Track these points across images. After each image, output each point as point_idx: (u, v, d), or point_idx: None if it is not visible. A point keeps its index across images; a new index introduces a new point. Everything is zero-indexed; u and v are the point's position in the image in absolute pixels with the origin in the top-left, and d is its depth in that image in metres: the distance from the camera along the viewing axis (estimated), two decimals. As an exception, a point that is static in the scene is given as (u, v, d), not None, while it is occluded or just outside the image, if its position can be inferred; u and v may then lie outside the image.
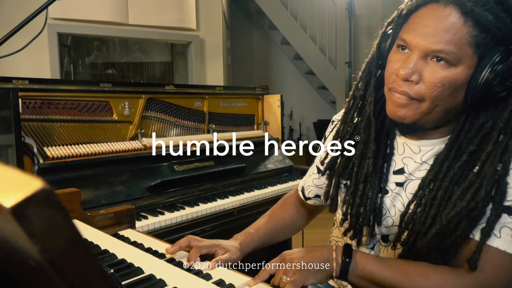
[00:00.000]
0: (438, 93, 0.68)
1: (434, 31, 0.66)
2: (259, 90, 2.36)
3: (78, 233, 0.31)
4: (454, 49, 0.65)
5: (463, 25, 0.65)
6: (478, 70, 0.67)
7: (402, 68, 0.70)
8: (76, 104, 1.60)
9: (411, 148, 0.81)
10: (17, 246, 0.30)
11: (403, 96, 0.71)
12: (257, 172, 2.05)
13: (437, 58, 0.67)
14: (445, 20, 0.66)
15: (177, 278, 0.75)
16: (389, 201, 0.82)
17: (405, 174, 0.81)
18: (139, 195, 1.56)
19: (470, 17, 0.65)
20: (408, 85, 0.70)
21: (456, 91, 0.68)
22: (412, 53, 0.70)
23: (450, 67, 0.67)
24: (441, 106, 0.70)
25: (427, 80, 0.68)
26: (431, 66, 0.68)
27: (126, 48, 5.42)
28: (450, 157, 0.72)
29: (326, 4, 5.63)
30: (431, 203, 0.73)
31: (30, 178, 0.28)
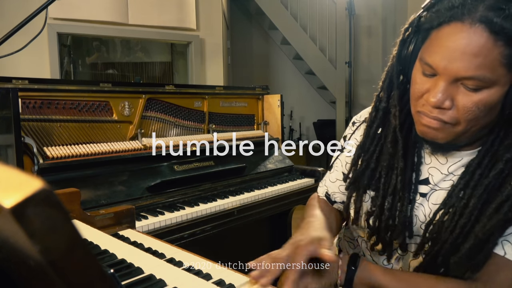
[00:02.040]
0: (473, 116, 0.64)
1: (462, 55, 0.60)
2: (259, 90, 2.36)
3: (78, 233, 0.31)
4: (486, 74, 0.60)
5: (494, 45, 0.59)
6: None
7: (432, 96, 0.65)
8: (76, 104, 1.60)
9: (438, 159, 0.78)
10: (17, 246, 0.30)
11: (435, 121, 0.68)
12: (257, 172, 2.05)
13: (467, 86, 0.63)
14: (474, 43, 0.59)
15: (177, 278, 0.75)
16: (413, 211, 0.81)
17: (429, 185, 0.79)
18: (139, 195, 1.56)
19: (500, 36, 0.58)
20: (440, 112, 0.66)
21: (491, 110, 0.65)
22: (440, 78, 0.65)
23: (483, 90, 0.62)
24: (476, 126, 0.67)
25: (461, 105, 0.64)
26: (463, 91, 0.64)
27: (126, 48, 5.42)
28: (483, 165, 0.69)
29: (326, 4, 5.63)
30: (461, 212, 0.69)
31: (30, 178, 0.28)
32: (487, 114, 0.65)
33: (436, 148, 0.76)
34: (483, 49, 0.59)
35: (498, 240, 0.68)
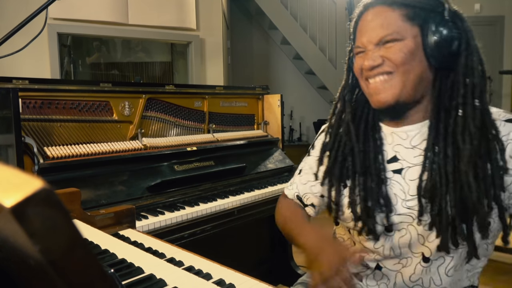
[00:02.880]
0: (402, 60, 0.79)
1: (375, 25, 0.81)
2: (259, 90, 2.36)
3: (78, 233, 0.31)
4: (395, 29, 0.79)
5: (392, 11, 0.80)
6: (424, 35, 0.79)
7: (366, 60, 0.82)
8: (76, 104, 1.60)
9: (399, 135, 0.87)
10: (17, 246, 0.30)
11: (378, 78, 0.82)
12: (257, 172, 2.05)
13: (386, 41, 0.80)
14: (378, 15, 0.81)
15: (177, 278, 0.75)
16: (389, 189, 0.85)
17: (399, 161, 0.85)
18: (139, 195, 1.56)
19: (394, 4, 0.80)
20: (378, 69, 0.81)
21: (416, 56, 0.79)
22: (368, 49, 0.83)
23: (398, 42, 0.79)
24: (412, 72, 0.80)
25: (388, 55, 0.80)
26: (385, 48, 0.81)
27: (126, 48, 5.42)
28: (442, 118, 0.80)
29: (326, 4, 5.63)
30: (445, 162, 0.77)
31: (30, 178, 0.28)
32: (412, 60, 0.79)
33: (391, 115, 0.87)
34: (386, 16, 0.80)
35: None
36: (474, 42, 0.81)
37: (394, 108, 0.83)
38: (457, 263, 0.82)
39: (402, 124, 0.87)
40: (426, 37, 0.79)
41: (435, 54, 0.79)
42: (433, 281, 0.84)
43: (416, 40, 0.79)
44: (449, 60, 0.79)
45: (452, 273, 0.83)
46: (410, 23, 0.79)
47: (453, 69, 0.80)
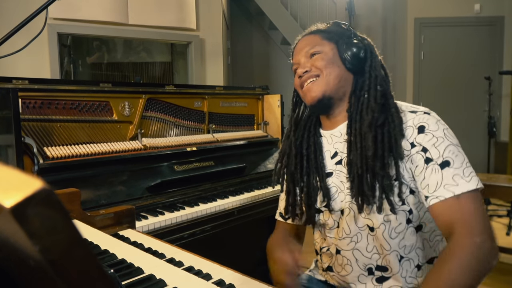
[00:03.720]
0: (324, 63, 1.04)
1: (303, 46, 1.09)
2: (259, 90, 2.36)
3: (78, 233, 0.31)
4: (315, 44, 1.07)
5: (315, 35, 1.09)
6: (339, 47, 1.05)
7: (299, 69, 1.07)
8: (76, 104, 1.60)
9: (335, 135, 1.07)
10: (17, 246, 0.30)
11: (310, 79, 1.05)
12: (257, 172, 2.05)
13: (311, 54, 1.07)
14: (305, 40, 1.10)
15: (177, 278, 0.75)
16: (336, 179, 1.03)
17: (339, 154, 1.05)
18: (139, 195, 1.56)
19: (316, 32, 1.10)
20: (308, 73, 1.05)
21: (334, 62, 1.04)
22: (300, 62, 1.08)
23: (320, 54, 1.06)
24: (333, 74, 1.03)
25: (314, 63, 1.05)
26: (312, 59, 1.07)
27: (126, 48, 5.42)
28: (355, 106, 1.01)
29: (326, 4, 5.62)
30: (355, 136, 0.98)
31: (30, 178, 0.28)
32: (333, 64, 1.04)
33: (323, 111, 1.08)
34: (311, 40, 1.09)
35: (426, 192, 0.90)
36: (375, 52, 1.07)
37: (323, 102, 1.03)
38: (395, 225, 0.95)
39: (336, 125, 1.07)
40: (340, 48, 1.05)
41: (348, 59, 1.04)
42: (383, 246, 0.96)
43: (333, 51, 1.06)
44: (358, 63, 1.04)
45: (396, 236, 0.95)
46: (327, 41, 1.07)
47: (364, 72, 1.04)
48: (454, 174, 0.86)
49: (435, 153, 0.89)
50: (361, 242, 0.99)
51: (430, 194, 0.87)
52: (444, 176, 0.86)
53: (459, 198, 0.84)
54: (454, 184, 0.85)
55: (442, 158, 0.88)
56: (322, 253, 1.12)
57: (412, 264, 0.97)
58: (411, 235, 0.96)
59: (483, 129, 4.84)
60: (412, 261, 0.97)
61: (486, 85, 4.45)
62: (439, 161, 0.88)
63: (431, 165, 0.88)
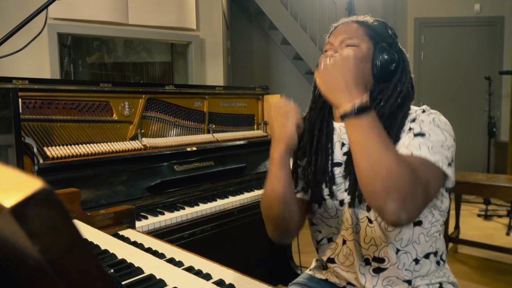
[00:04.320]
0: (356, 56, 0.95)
1: (343, 31, 1.07)
2: (259, 90, 2.36)
3: (78, 233, 0.31)
4: (355, 35, 1.05)
5: (359, 27, 1.07)
6: (375, 50, 1.04)
7: (330, 53, 1.05)
8: (76, 104, 1.60)
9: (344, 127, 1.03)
10: (17, 246, 0.30)
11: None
12: (257, 172, 2.05)
13: (347, 44, 1.04)
14: (348, 25, 1.08)
15: (177, 278, 0.75)
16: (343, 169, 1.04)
17: (346, 145, 1.06)
18: (139, 195, 1.56)
19: (362, 24, 1.08)
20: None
21: (363, 60, 1.02)
22: (333, 45, 1.06)
23: (356, 47, 1.03)
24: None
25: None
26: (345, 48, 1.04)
27: (126, 48, 5.42)
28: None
29: (326, 4, 5.62)
30: None
31: (30, 178, 0.28)
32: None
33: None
34: (353, 28, 1.07)
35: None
36: (408, 69, 1.07)
37: None
38: None
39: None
40: (376, 52, 1.03)
41: (378, 66, 1.03)
42: (381, 238, 0.99)
43: (368, 52, 1.04)
44: (386, 74, 1.03)
45: (392, 228, 0.97)
46: (368, 38, 1.05)
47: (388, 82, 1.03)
48: (422, 143, 0.89)
49: (417, 127, 0.94)
50: (360, 232, 1.02)
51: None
52: (413, 142, 0.90)
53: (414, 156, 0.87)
54: (417, 148, 0.88)
55: (420, 129, 0.93)
56: (321, 246, 1.12)
57: (410, 257, 0.99)
58: (408, 229, 0.98)
59: (483, 129, 4.83)
60: (410, 254, 0.99)
61: (486, 85, 4.45)
62: (416, 131, 0.93)
63: (408, 133, 0.94)
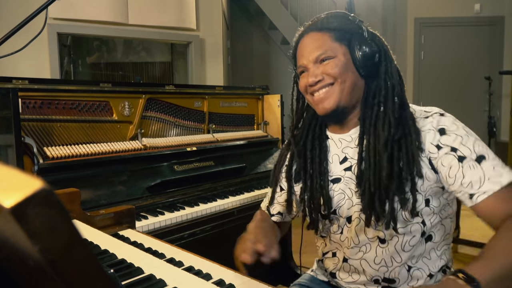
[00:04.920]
0: (338, 71, 0.94)
1: (311, 47, 0.98)
2: (259, 90, 2.36)
3: (78, 233, 0.31)
4: (326, 48, 0.96)
5: (323, 34, 0.98)
6: (352, 52, 0.96)
7: (309, 77, 0.97)
8: (76, 104, 1.60)
9: (345, 139, 1.01)
10: (17, 246, 0.30)
11: (322, 90, 0.96)
12: (257, 172, 2.05)
13: (322, 60, 0.96)
14: (312, 38, 0.99)
15: (177, 278, 0.75)
16: (344, 185, 0.98)
17: (349, 160, 0.99)
18: (139, 195, 1.56)
19: (323, 29, 0.98)
20: (320, 83, 0.96)
21: (348, 68, 0.95)
22: (308, 68, 0.98)
23: (332, 59, 0.96)
24: (347, 81, 0.95)
25: (327, 71, 0.95)
26: (323, 65, 0.96)
27: (126, 48, 5.42)
28: (368, 115, 0.95)
29: (326, 4, 5.63)
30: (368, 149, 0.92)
31: (30, 178, 0.28)
32: (347, 71, 0.95)
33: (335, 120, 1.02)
34: (318, 39, 0.98)
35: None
36: (390, 54, 0.98)
37: (336, 112, 0.96)
38: (409, 238, 0.93)
39: (347, 130, 1.01)
40: (353, 53, 0.96)
41: (362, 65, 0.95)
42: (394, 259, 0.94)
43: (346, 57, 0.96)
44: (373, 69, 0.96)
45: (409, 248, 0.93)
46: (339, 43, 0.97)
47: (377, 76, 0.97)
48: (494, 166, 0.83)
49: (466, 150, 0.85)
50: (370, 253, 0.96)
51: (476, 190, 0.82)
52: (485, 170, 0.83)
53: (507, 188, 0.81)
54: (498, 175, 0.82)
55: (475, 154, 0.85)
56: (325, 258, 1.09)
57: (423, 273, 0.95)
58: (421, 245, 0.94)
59: (483, 129, 4.83)
60: (422, 270, 0.95)
61: (486, 85, 4.45)
62: (473, 156, 0.84)
63: (467, 162, 0.84)
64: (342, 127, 1.02)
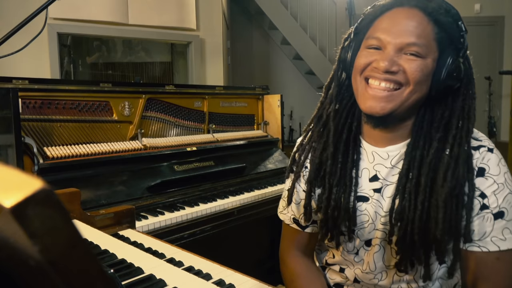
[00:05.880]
0: (419, 77, 0.76)
1: (406, 27, 0.76)
2: (259, 90, 2.36)
3: (78, 233, 0.31)
4: (424, 42, 0.76)
5: (428, 22, 0.77)
6: (440, 64, 0.78)
7: (382, 61, 0.76)
8: (76, 104, 1.60)
9: (380, 155, 0.86)
10: (17, 246, 0.30)
11: (384, 92, 0.78)
12: (257, 172, 2.05)
13: (410, 52, 0.76)
14: (414, 18, 0.76)
15: (177, 278, 0.75)
16: (371, 207, 0.86)
17: (380, 180, 0.86)
18: (139, 195, 1.56)
19: (432, 17, 0.77)
20: (390, 74, 0.77)
21: (428, 79, 0.78)
22: (387, 49, 0.77)
23: (421, 59, 0.76)
24: (418, 92, 0.78)
25: (408, 68, 0.76)
26: (406, 58, 0.77)
27: (126, 48, 5.42)
28: (420, 146, 0.80)
29: (326, 4, 5.63)
30: (416, 190, 0.78)
31: (30, 178, 0.28)
32: (425, 81, 0.77)
33: (374, 122, 0.83)
34: (421, 24, 0.76)
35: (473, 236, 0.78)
36: (473, 90, 0.83)
37: (384, 119, 0.81)
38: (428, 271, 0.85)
39: (384, 144, 0.86)
40: (442, 65, 0.78)
41: (439, 86, 0.78)
42: (411, 285, 0.88)
43: (433, 64, 0.78)
44: (444, 95, 0.80)
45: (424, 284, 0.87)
46: (436, 45, 0.78)
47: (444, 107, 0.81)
48: (505, 228, 0.78)
49: (493, 201, 0.78)
50: (386, 280, 0.90)
51: (473, 240, 0.78)
52: (495, 227, 0.77)
53: (500, 256, 0.77)
54: (502, 239, 0.77)
55: (498, 208, 0.78)
56: (329, 268, 1.02)
57: None
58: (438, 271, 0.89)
59: (483, 129, 4.83)
60: None
61: (486, 85, 4.46)
62: (494, 210, 0.78)
63: (485, 213, 0.78)
64: (380, 137, 0.86)
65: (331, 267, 1.00)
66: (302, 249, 1.01)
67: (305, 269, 0.99)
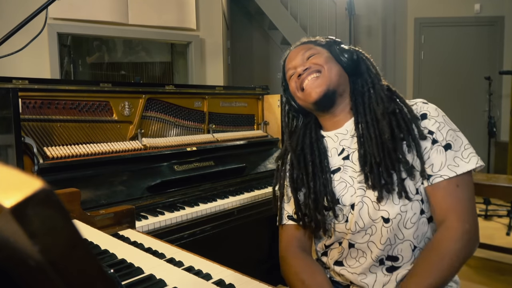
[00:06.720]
0: (324, 60, 1.08)
1: (298, 54, 1.14)
2: (259, 90, 2.36)
3: (78, 233, 0.31)
4: (312, 50, 1.12)
5: (307, 44, 1.16)
6: (333, 53, 1.11)
7: (299, 69, 1.10)
8: (76, 104, 1.60)
9: (341, 132, 1.10)
10: (17, 246, 0.30)
11: (312, 75, 1.07)
12: (257, 172, 2.05)
13: (308, 58, 1.11)
14: (299, 48, 1.15)
15: (177, 278, 0.75)
16: (344, 174, 1.05)
17: (346, 150, 1.08)
18: (139, 195, 1.56)
19: (307, 42, 1.18)
20: (309, 70, 1.08)
21: (331, 60, 1.09)
22: (297, 67, 1.11)
23: (318, 54, 1.11)
24: (333, 69, 1.07)
25: (314, 61, 1.09)
26: (309, 60, 1.11)
27: (126, 48, 5.42)
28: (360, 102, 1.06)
29: (326, 4, 5.63)
30: (367, 127, 1.01)
31: (30, 178, 0.28)
32: (330, 61, 1.09)
33: (325, 108, 1.09)
34: (305, 47, 1.15)
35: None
36: (367, 55, 1.13)
37: (327, 96, 1.05)
38: (411, 215, 0.98)
39: (340, 124, 1.10)
40: (334, 52, 1.11)
41: (344, 61, 1.09)
42: (397, 236, 0.99)
43: (328, 54, 1.10)
44: (353, 65, 1.09)
45: (411, 225, 0.99)
46: (321, 47, 1.13)
47: (360, 74, 1.09)
48: (455, 156, 0.96)
49: (440, 136, 0.98)
50: (376, 234, 1.00)
51: (434, 173, 0.96)
52: (448, 157, 0.96)
53: (458, 182, 0.94)
54: (455, 165, 0.95)
55: (445, 141, 0.97)
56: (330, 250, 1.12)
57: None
58: (423, 225, 1.00)
59: (483, 129, 4.84)
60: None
61: (486, 85, 4.45)
62: (443, 143, 0.97)
63: (436, 146, 0.97)
64: (335, 122, 1.11)
65: (331, 247, 1.11)
66: (301, 246, 1.13)
67: (306, 263, 1.10)
